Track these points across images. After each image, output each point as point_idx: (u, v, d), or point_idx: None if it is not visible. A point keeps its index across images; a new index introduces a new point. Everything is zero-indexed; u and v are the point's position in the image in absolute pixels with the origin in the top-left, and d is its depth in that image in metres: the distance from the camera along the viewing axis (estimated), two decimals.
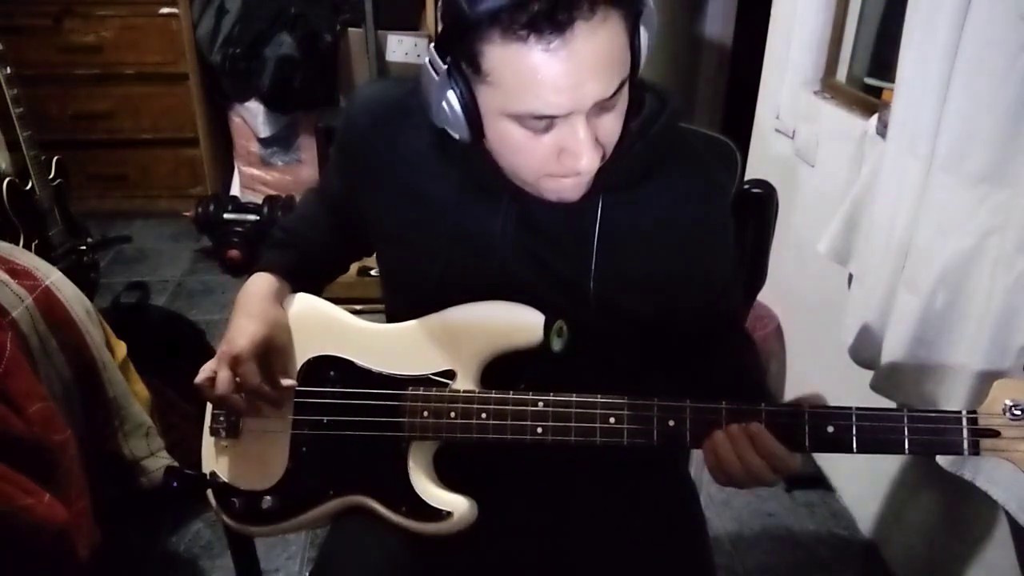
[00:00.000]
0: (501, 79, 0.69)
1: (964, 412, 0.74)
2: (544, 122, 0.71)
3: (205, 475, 0.94)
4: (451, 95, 0.73)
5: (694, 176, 0.87)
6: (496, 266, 0.86)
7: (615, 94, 0.71)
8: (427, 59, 0.74)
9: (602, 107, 0.72)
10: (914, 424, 0.75)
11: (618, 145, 0.78)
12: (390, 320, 0.95)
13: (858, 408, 0.76)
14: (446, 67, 0.72)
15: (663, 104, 0.84)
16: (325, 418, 0.90)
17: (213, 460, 0.95)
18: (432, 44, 0.74)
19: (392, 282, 1.00)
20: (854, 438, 0.76)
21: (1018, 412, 0.73)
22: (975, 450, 0.74)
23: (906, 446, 0.75)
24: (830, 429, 0.76)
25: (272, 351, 0.90)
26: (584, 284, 0.84)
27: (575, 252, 0.85)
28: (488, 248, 0.86)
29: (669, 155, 0.85)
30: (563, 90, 0.68)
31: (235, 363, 0.86)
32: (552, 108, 0.70)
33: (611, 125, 0.75)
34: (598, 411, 0.80)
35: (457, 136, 0.77)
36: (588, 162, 0.72)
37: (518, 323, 0.84)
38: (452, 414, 0.85)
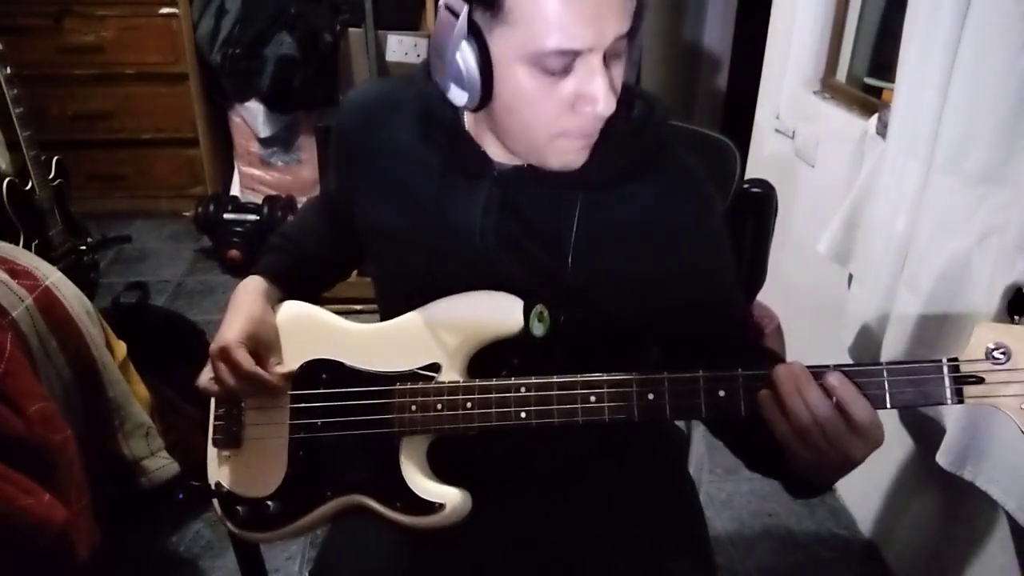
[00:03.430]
0: (524, 15, 0.70)
1: (945, 360, 0.71)
2: (563, 61, 0.72)
3: (211, 486, 0.95)
4: (465, 45, 0.73)
5: (679, 183, 0.86)
6: (478, 253, 0.86)
7: (628, 33, 0.73)
8: (442, 4, 0.74)
9: (614, 52, 0.73)
10: (894, 377, 0.72)
11: (605, 144, 0.79)
12: (384, 319, 0.95)
13: (836, 365, 0.73)
14: (467, 7, 0.72)
15: (651, 110, 0.84)
16: (319, 421, 0.91)
17: (217, 470, 0.96)
18: None
19: (381, 277, 1.00)
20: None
21: (1000, 356, 0.69)
22: (959, 398, 0.70)
23: (887, 400, 0.72)
24: None
25: (261, 346, 0.91)
26: (561, 274, 0.85)
27: (554, 242, 0.85)
28: (470, 235, 0.86)
29: (655, 161, 0.85)
30: (587, 22, 0.69)
31: (225, 355, 0.87)
32: (576, 41, 0.70)
33: (619, 74, 0.76)
34: (578, 391, 0.80)
35: (465, 97, 0.76)
36: (605, 106, 0.73)
37: (498, 311, 0.85)
38: (439, 406, 0.85)
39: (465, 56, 0.73)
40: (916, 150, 1.31)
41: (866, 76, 1.91)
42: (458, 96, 0.77)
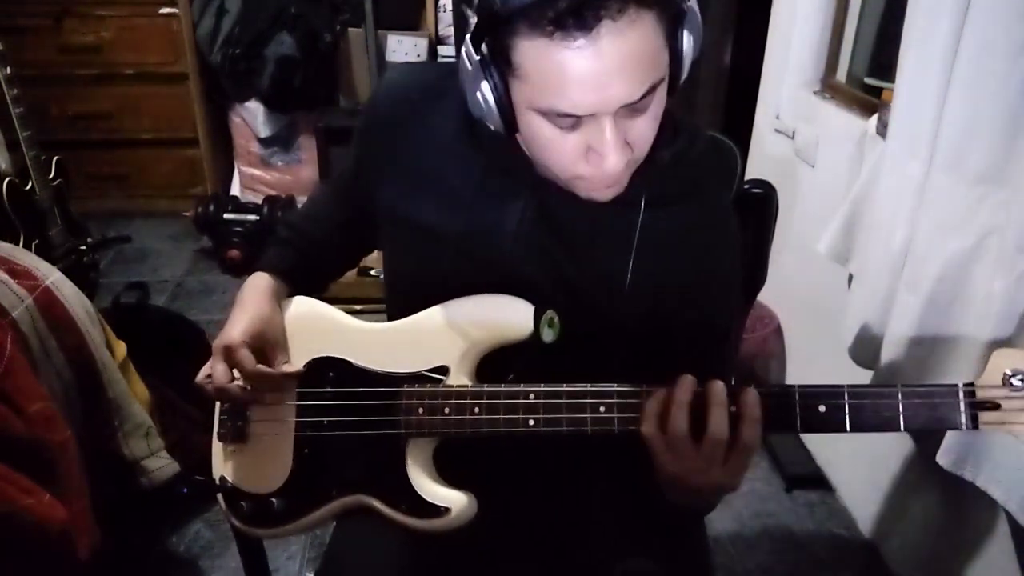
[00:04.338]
0: (529, 74, 0.69)
1: (961, 384, 0.71)
2: (570, 120, 0.71)
3: (215, 480, 0.95)
4: (485, 86, 0.73)
5: (711, 209, 0.88)
6: (504, 259, 0.86)
7: (644, 97, 0.70)
8: (463, 49, 0.74)
9: (633, 109, 0.71)
10: (908, 400, 0.72)
11: (649, 169, 0.78)
12: (390, 316, 0.95)
13: (850, 385, 0.74)
14: (479, 58, 0.72)
15: (695, 138, 0.85)
16: (325, 419, 0.90)
17: (222, 465, 0.96)
18: (468, 35, 0.73)
19: (397, 271, 0.98)
20: (847, 417, 0.73)
21: (1018, 382, 0.68)
22: (974, 424, 0.70)
23: (901, 423, 0.72)
24: (822, 408, 0.74)
25: (266, 345, 0.91)
26: (597, 289, 0.84)
27: (593, 257, 0.85)
28: (500, 240, 0.86)
29: (693, 186, 0.86)
30: (588, 90, 0.68)
31: (228, 353, 0.87)
32: (576, 107, 0.69)
33: (643, 127, 0.74)
34: (588, 400, 0.80)
35: (492, 127, 0.77)
36: (614, 163, 0.72)
37: (508, 316, 0.84)
38: (446, 410, 0.85)
39: (485, 96, 0.73)
40: (916, 150, 1.31)
41: (866, 76, 1.91)
42: (488, 124, 0.77)
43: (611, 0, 0.64)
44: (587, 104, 0.69)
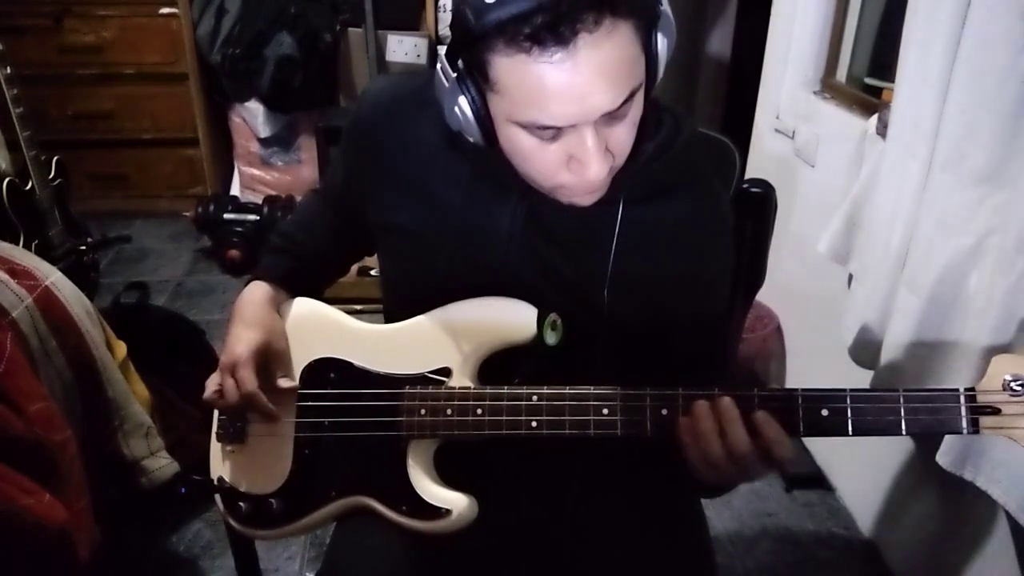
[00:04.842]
0: (507, 89, 0.69)
1: (962, 389, 0.72)
2: (551, 131, 0.71)
3: (213, 480, 0.95)
4: (463, 101, 0.73)
5: (704, 199, 0.88)
6: (499, 264, 0.86)
7: (624, 104, 0.70)
8: (439, 65, 0.74)
9: (612, 116, 0.71)
10: (910, 404, 0.73)
11: (634, 164, 0.78)
12: (388, 320, 0.95)
13: (852, 390, 0.74)
14: (456, 75, 0.72)
15: (679, 128, 0.84)
16: (326, 420, 0.90)
17: (220, 465, 0.96)
18: (443, 51, 0.74)
19: (393, 277, 0.99)
20: (849, 421, 0.74)
21: (1018, 387, 0.70)
22: (974, 428, 0.71)
23: (903, 427, 0.73)
24: (824, 412, 0.75)
25: (271, 357, 0.91)
26: (589, 288, 0.85)
27: (582, 256, 0.85)
28: (493, 245, 0.86)
29: (682, 177, 0.86)
30: (568, 102, 0.68)
31: (236, 370, 0.87)
32: (556, 119, 0.69)
33: (622, 134, 0.74)
34: (591, 403, 0.80)
35: (472, 140, 0.77)
36: (597, 171, 0.72)
37: (511, 318, 0.84)
38: (448, 411, 0.85)
39: (463, 110, 0.74)
40: (916, 150, 1.31)
41: (866, 76, 1.91)
42: (467, 136, 0.77)
43: (587, 12, 0.64)
44: (568, 116, 0.69)
